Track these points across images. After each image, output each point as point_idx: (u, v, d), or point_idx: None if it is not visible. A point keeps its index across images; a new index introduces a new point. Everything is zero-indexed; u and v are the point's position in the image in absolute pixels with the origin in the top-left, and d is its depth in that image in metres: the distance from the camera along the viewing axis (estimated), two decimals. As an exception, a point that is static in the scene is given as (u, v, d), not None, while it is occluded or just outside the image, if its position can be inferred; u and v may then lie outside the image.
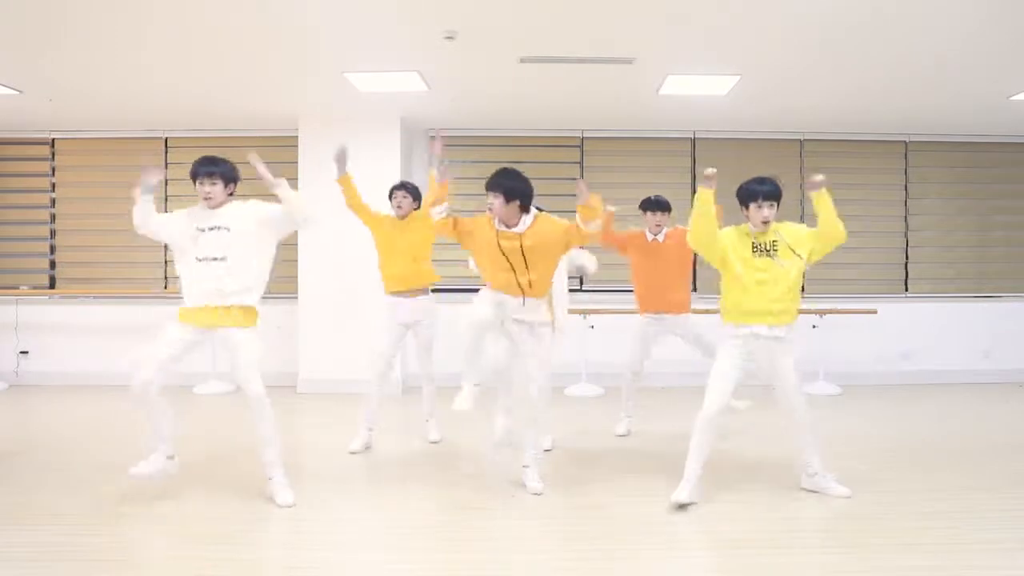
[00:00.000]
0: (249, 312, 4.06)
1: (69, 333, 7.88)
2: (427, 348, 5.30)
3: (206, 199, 4.04)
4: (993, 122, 7.62)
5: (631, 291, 5.54)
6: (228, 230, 4.01)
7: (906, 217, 8.24)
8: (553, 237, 4.17)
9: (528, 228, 4.14)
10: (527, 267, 4.13)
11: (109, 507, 3.97)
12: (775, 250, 4.01)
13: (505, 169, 4.21)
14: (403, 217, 5.19)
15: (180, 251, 4.09)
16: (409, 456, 5.08)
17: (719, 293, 4.22)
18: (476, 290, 4.38)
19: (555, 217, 4.27)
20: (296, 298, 7.44)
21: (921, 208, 8.25)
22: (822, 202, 4.01)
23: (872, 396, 7.20)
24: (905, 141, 8.19)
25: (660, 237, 5.30)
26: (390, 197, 5.24)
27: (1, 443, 5.41)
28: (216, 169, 4.04)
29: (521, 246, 4.11)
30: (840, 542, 3.53)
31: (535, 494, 4.17)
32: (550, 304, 4.90)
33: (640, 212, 5.38)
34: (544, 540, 3.64)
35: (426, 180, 8.07)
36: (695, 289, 8.00)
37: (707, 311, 5.31)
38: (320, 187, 7.44)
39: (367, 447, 5.15)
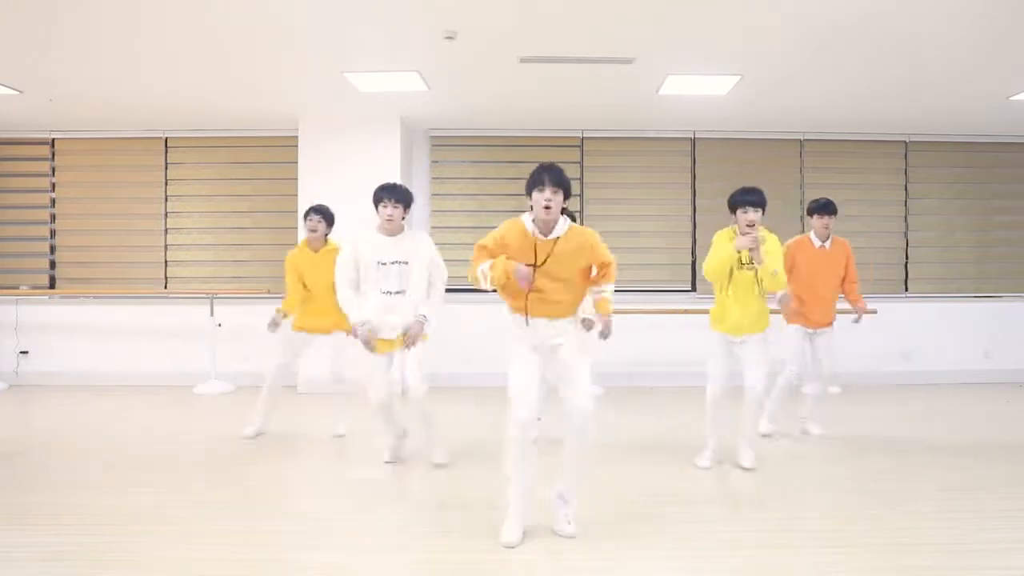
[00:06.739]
0: None
1: (69, 333, 7.88)
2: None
3: (388, 220, 4.37)
4: (993, 122, 7.62)
5: (627, 291, 5.57)
6: (406, 264, 4.38)
7: (906, 217, 8.25)
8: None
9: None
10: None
11: (109, 507, 3.96)
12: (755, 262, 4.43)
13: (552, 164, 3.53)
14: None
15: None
16: (407, 456, 5.08)
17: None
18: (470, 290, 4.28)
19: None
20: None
21: (921, 208, 8.25)
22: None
23: (872, 396, 7.20)
24: (905, 141, 8.20)
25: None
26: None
27: (1, 443, 5.41)
28: (398, 195, 4.42)
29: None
30: (840, 542, 3.53)
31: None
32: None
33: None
34: (543, 540, 3.63)
35: (425, 180, 8.13)
36: (694, 289, 8.02)
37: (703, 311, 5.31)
38: (319, 187, 7.48)
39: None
